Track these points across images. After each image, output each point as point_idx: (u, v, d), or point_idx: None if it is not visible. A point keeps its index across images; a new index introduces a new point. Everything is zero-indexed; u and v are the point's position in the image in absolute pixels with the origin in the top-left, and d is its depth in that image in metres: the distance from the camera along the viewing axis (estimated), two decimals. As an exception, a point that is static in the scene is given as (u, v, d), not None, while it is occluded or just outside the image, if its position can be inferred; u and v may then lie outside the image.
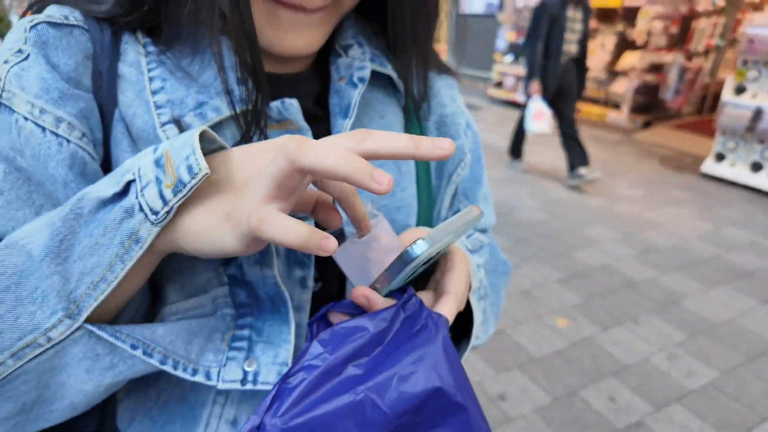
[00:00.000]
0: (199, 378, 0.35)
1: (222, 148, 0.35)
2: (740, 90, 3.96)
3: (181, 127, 0.37)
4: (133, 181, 0.30)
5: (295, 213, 0.37)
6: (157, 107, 0.38)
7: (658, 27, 5.31)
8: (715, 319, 2.35)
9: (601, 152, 4.87)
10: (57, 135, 0.35)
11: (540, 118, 3.63)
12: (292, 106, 0.41)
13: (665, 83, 5.61)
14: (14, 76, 0.36)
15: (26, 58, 0.36)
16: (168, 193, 0.29)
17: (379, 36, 0.49)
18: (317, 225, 0.37)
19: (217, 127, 0.39)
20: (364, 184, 0.26)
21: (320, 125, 0.45)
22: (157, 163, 0.30)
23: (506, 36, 6.88)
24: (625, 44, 5.76)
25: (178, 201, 0.29)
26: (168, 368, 0.34)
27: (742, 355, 2.10)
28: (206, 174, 0.29)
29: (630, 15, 5.63)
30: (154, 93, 0.38)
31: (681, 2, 5.24)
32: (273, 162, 0.28)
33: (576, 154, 3.88)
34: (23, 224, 0.35)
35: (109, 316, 0.35)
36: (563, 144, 3.93)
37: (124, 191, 0.31)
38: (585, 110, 6.21)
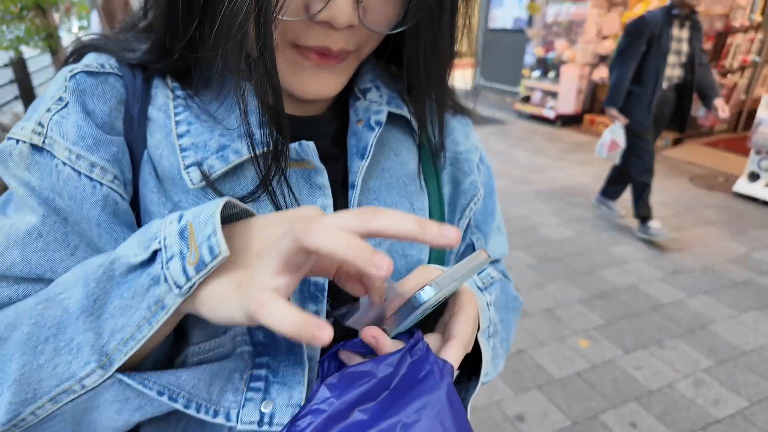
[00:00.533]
0: (220, 419, 0.36)
1: (245, 211, 0.37)
2: (777, 108, 3.85)
3: (203, 172, 0.41)
4: (160, 250, 0.33)
5: (315, 276, 0.39)
6: (182, 150, 0.41)
7: (691, 43, 5.21)
8: (745, 345, 2.28)
9: (629, 169, 4.79)
10: (91, 179, 0.39)
11: (613, 150, 3.19)
12: (308, 148, 0.44)
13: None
14: (55, 123, 0.39)
15: (66, 105, 0.40)
16: (191, 270, 0.31)
17: (396, 78, 0.52)
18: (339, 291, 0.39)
19: (238, 168, 0.42)
20: (364, 269, 0.27)
21: (337, 164, 0.48)
22: (182, 235, 0.33)
23: (535, 51, 6.86)
24: (656, 60, 5.67)
25: (200, 278, 0.31)
26: (191, 412, 0.36)
27: (773, 385, 2.04)
28: (226, 257, 0.31)
29: (662, 31, 5.54)
30: (179, 136, 0.42)
31: (717, 18, 5.14)
32: (282, 239, 0.30)
33: (614, 189, 3.47)
34: (59, 264, 0.39)
35: (137, 362, 0.37)
36: (616, 174, 3.44)
37: (151, 259, 0.33)
38: (614, 126, 6.12)
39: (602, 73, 6.17)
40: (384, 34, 0.41)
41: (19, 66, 4.22)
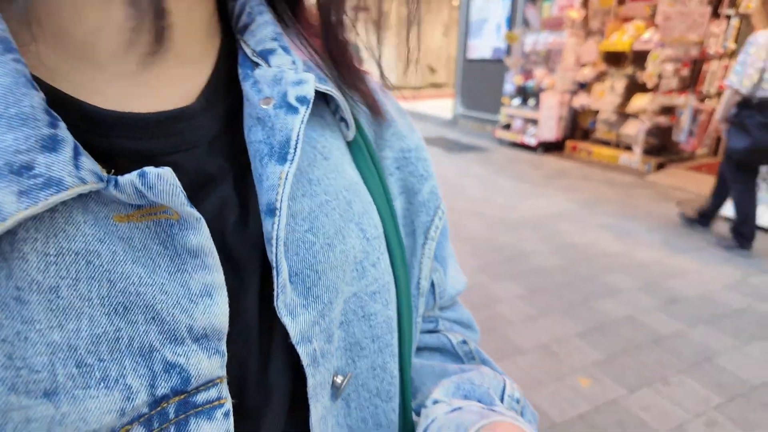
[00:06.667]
0: None
1: None
2: (758, 132, 3.84)
3: None
4: None
5: None
6: None
7: (669, 70, 5.27)
8: (754, 379, 2.13)
9: (615, 195, 4.74)
10: None
11: None
12: (163, 181, 0.23)
13: (678, 125, 5.52)
14: None
15: None
16: None
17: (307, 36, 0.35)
18: None
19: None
20: None
21: (222, 187, 0.29)
22: None
23: (514, 80, 6.90)
24: (635, 87, 5.73)
25: None
26: None
27: (790, 424, 1.88)
28: None
29: (640, 58, 5.62)
30: None
31: (691, 45, 5.22)
32: None
33: None
34: None
35: None
36: None
37: None
38: (596, 152, 6.12)
39: (582, 100, 6.22)
40: None
41: None
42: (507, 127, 7.05)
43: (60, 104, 0.23)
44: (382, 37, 0.34)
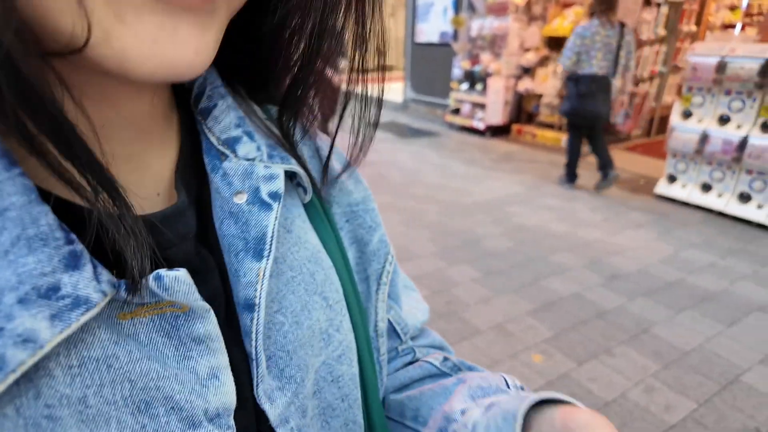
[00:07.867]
0: None
1: None
2: (687, 115, 4.13)
3: None
4: None
5: None
6: None
7: (606, 55, 5.52)
8: (686, 346, 2.34)
9: (559, 176, 4.96)
10: None
11: None
12: (178, 282, 0.24)
13: (619, 107, 5.82)
14: None
15: None
16: None
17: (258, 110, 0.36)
18: None
19: None
20: None
21: (212, 277, 0.29)
22: None
23: (461, 64, 7.01)
24: (575, 71, 5.97)
25: None
26: None
27: (716, 384, 2.09)
28: None
29: (579, 44, 5.84)
30: None
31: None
32: None
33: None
34: None
35: None
36: None
37: None
38: (540, 135, 6.36)
39: (526, 84, 6.41)
40: None
41: None
42: (456, 111, 7.18)
43: (55, 206, 0.21)
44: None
